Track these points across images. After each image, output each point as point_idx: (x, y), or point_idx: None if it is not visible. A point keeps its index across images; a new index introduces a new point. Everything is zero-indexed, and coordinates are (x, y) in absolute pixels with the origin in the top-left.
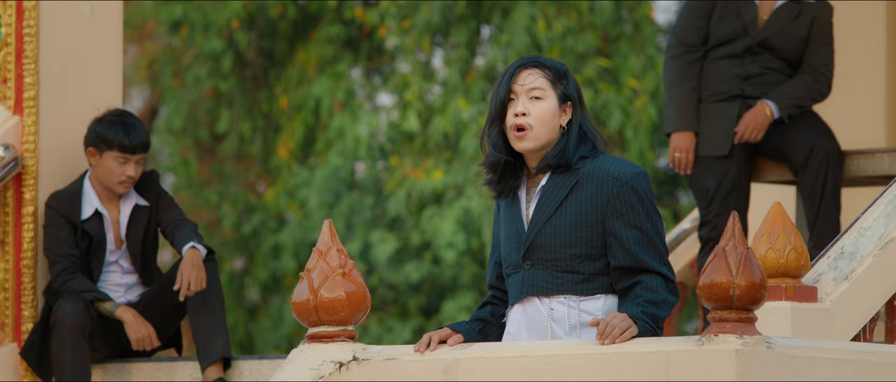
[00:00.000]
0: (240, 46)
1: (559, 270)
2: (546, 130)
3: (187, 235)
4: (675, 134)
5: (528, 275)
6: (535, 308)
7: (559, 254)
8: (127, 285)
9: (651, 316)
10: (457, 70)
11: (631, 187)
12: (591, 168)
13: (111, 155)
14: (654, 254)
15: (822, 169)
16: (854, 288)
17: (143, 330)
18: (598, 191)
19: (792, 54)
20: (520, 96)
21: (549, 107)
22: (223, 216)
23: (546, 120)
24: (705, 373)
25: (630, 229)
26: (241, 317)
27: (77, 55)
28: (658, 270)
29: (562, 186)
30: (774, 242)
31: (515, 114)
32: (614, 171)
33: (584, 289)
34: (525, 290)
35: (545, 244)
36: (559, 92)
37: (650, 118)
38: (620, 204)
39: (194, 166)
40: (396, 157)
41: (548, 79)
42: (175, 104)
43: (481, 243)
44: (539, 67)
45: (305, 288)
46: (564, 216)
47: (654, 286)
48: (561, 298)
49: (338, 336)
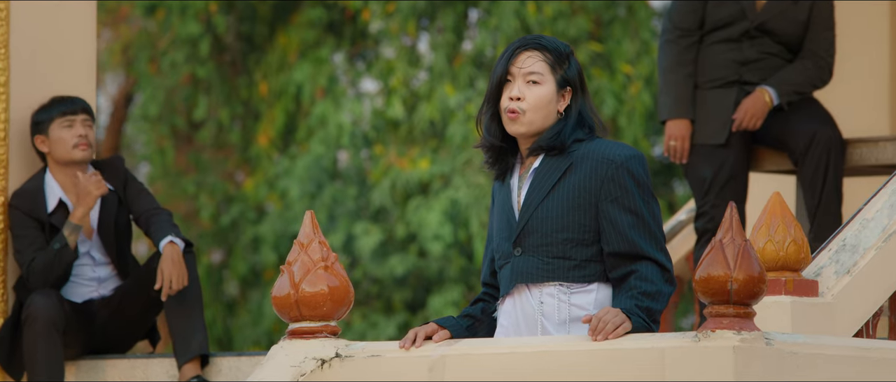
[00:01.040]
0: (218, 30)
1: (550, 256)
2: (540, 116)
3: (164, 228)
4: (670, 121)
5: (519, 263)
6: (526, 299)
7: (551, 239)
8: (100, 278)
9: (646, 310)
10: (443, 55)
11: (626, 169)
12: (586, 150)
13: (56, 126)
14: (650, 239)
15: (823, 158)
16: (856, 281)
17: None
18: (592, 173)
19: (791, 38)
20: (516, 79)
21: (546, 93)
22: (201, 207)
23: (541, 106)
24: (702, 370)
25: (624, 213)
26: (220, 312)
27: (48, 40)
28: (653, 256)
29: (555, 168)
30: (773, 234)
31: (510, 98)
32: (610, 153)
33: (576, 276)
34: (515, 278)
35: (537, 228)
36: (558, 77)
37: (644, 105)
38: (615, 187)
39: (171, 155)
40: (381, 146)
41: (547, 63)
42: (151, 90)
43: (469, 235)
44: (539, 49)
45: (286, 282)
46: (557, 199)
47: (650, 275)
48: (551, 288)
49: (320, 331)
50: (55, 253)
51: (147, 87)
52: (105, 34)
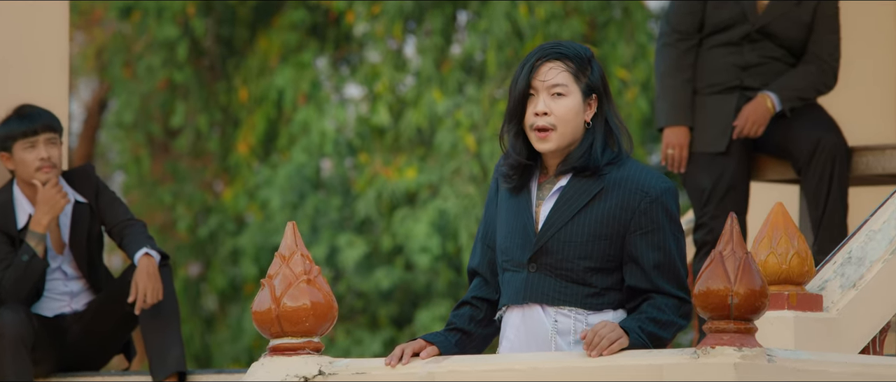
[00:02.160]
0: (196, 33)
1: (568, 280)
2: (570, 129)
3: (139, 239)
4: (667, 129)
5: (533, 280)
6: (538, 317)
7: (571, 265)
8: (72, 293)
9: (649, 334)
10: (431, 59)
11: (661, 204)
12: (619, 176)
13: (18, 147)
14: (672, 279)
15: (828, 166)
16: (862, 296)
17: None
18: (624, 202)
19: (794, 42)
20: (540, 93)
21: (573, 105)
22: (178, 218)
23: (570, 118)
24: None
25: (652, 250)
26: (198, 328)
27: (18, 44)
28: (672, 293)
29: (584, 191)
30: (776, 246)
31: (536, 114)
32: (644, 184)
33: (593, 304)
34: (528, 296)
35: (557, 250)
36: (583, 85)
37: (641, 111)
38: (647, 221)
39: (146, 164)
40: (366, 154)
41: (570, 73)
42: (126, 96)
43: (458, 247)
44: (560, 59)
45: (267, 297)
46: (583, 224)
47: (663, 305)
48: (566, 310)
49: (302, 348)
50: (25, 265)
51: (122, 93)
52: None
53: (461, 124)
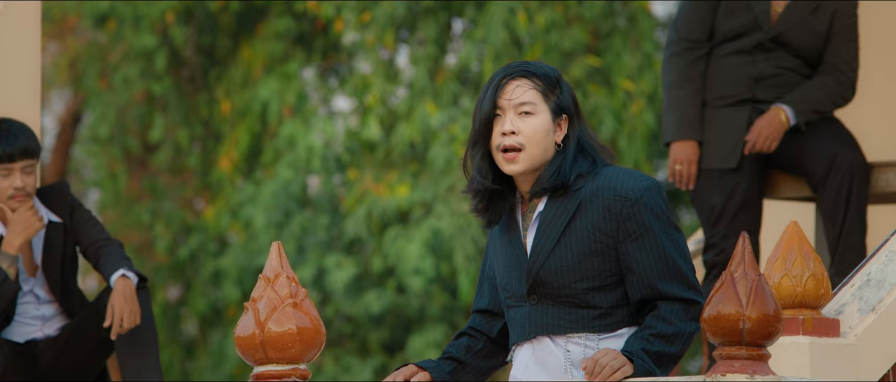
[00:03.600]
0: (175, 43)
1: (571, 305)
2: (540, 150)
3: (115, 260)
4: (675, 143)
5: (536, 312)
6: (548, 349)
7: (569, 290)
8: (44, 317)
9: (655, 355)
10: (424, 70)
11: (644, 205)
12: (594, 187)
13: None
14: (675, 280)
15: (845, 183)
16: (882, 320)
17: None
18: (605, 213)
19: (810, 52)
20: (507, 112)
21: (542, 124)
22: (156, 237)
23: (539, 139)
24: None
25: (646, 255)
26: (177, 354)
27: None
28: (677, 296)
29: (562, 211)
30: (790, 268)
31: (503, 133)
32: (621, 189)
33: (603, 326)
34: (533, 329)
35: (551, 279)
36: (552, 104)
37: (647, 125)
38: (634, 227)
39: (123, 180)
40: (355, 170)
41: (539, 91)
42: (101, 109)
43: (452, 269)
44: (528, 77)
45: (251, 321)
46: (569, 246)
47: (668, 315)
48: (577, 338)
49: (288, 375)
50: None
51: (97, 106)
52: (51, 47)
53: (456, 138)
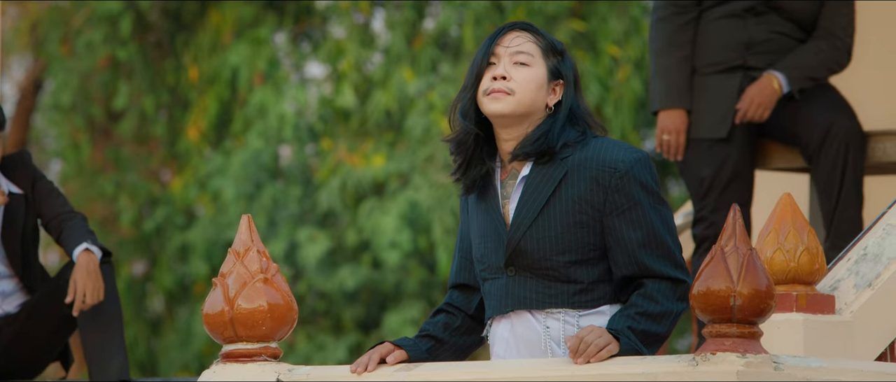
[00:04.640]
0: (141, 7)
1: (551, 279)
2: (529, 99)
3: (78, 234)
4: (663, 112)
5: (513, 285)
6: (527, 324)
7: (550, 262)
8: (4, 293)
9: (641, 334)
10: (401, 34)
11: (633, 177)
12: (582, 156)
13: None
14: (661, 256)
15: (841, 153)
16: (879, 296)
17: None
18: (592, 183)
19: (804, 15)
20: (502, 59)
21: (536, 77)
22: (121, 210)
23: (530, 88)
24: None
25: (633, 229)
26: (143, 332)
27: None
28: (664, 274)
29: (547, 178)
30: (783, 242)
31: (493, 78)
32: (611, 160)
33: (583, 301)
34: (510, 303)
35: (532, 250)
36: (550, 65)
37: (634, 92)
38: (622, 199)
39: (86, 150)
40: (329, 140)
41: (538, 46)
42: (63, 76)
43: (430, 243)
44: (530, 31)
45: (219, 297)
46: (553, 215)
47: (655, 293)
48: (557, 313)
49: (258, 354)
50: None
51: (59, 72)
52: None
53: (434, 106)
